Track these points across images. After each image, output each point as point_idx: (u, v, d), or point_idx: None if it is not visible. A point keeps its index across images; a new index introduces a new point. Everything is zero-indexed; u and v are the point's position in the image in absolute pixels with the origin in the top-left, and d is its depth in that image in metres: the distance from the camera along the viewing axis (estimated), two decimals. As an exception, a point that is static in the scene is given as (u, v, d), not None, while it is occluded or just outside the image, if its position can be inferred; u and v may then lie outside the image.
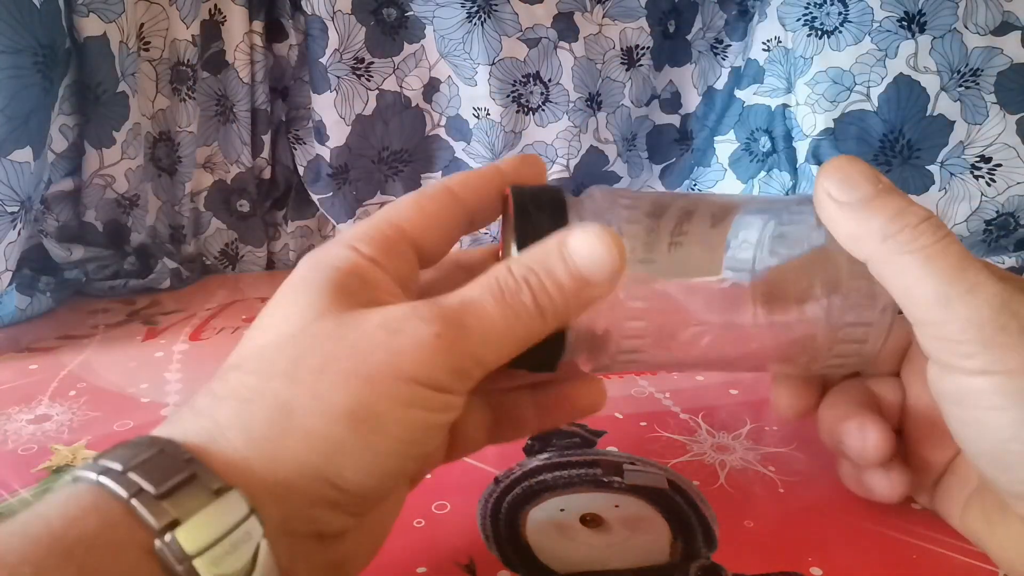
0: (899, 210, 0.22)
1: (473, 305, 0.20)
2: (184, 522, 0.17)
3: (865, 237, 0.23)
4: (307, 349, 0.20)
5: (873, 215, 0.23)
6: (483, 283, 0.21)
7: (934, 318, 0.22)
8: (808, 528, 0.28)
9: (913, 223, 0.22)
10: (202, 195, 0.67)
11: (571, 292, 0.21)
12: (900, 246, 0.22)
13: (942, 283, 0.22)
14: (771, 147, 0.65)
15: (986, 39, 0.57)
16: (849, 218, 0.23)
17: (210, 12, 0.61)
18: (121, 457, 0.18)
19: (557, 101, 0.66)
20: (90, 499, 0.17)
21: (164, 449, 0.18)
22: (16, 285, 0.52)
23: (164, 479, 0.17)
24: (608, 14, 0.66)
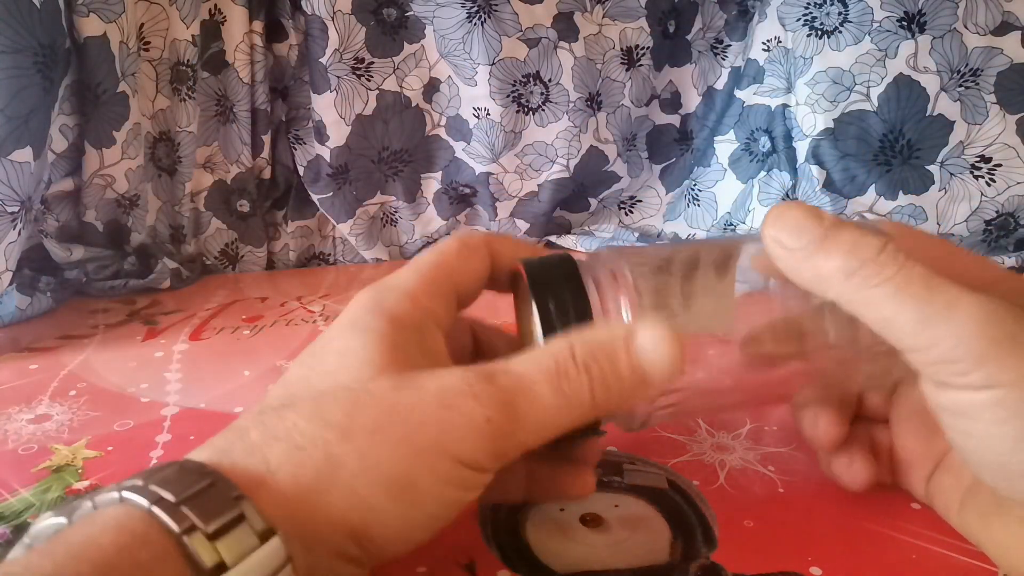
0: (853, 244, 0.22)
1: (528, 387, 0.21)
2: (232, 567, 0.17)
3: (828, 278, 0.22)
4: (363, 407, 0.20)
5: (829, 255, 0.22)
6: (542, 362, 0.21)
7: (920, 343, 0.22)
8: (808, 528, 0.28)
9: (872, 255, 0.22)
10: (202, 195, 0.67)
11: (628, 388, 0.21)
12: (865, 281, 0.22)
13: (918, 307, 0.21)
14: (771, 147, 0.65)
15: (986, 39, 0.57)
16: (806, 263, 0.23)
17: (210, 12, 0.61)
18: (173, 485, 0.18)
19: (557, 101, 0.66)
20: (142, 527, 0.17)
21: (215, 483, 0.18)
22: (16, 285, 0.52)
23: (214, 515, 0.17)
24: (608, 14, 0.66)
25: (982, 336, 0.21)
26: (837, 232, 0.23)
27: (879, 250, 0.22)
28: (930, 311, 0.21)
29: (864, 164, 0.60)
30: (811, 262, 0.23)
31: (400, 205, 0.71)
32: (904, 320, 0.22)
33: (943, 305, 0.21)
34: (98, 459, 0.35)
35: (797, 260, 0.23)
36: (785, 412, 0.38)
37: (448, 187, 0.70)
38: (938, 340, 0.21)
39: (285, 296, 0.60)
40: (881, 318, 0.22)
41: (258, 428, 0.20)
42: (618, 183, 0.72)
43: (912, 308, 0.21)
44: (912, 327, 0.21)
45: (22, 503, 0.31)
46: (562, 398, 0.21)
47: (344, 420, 0.20)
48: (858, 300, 0.22)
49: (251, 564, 0.17)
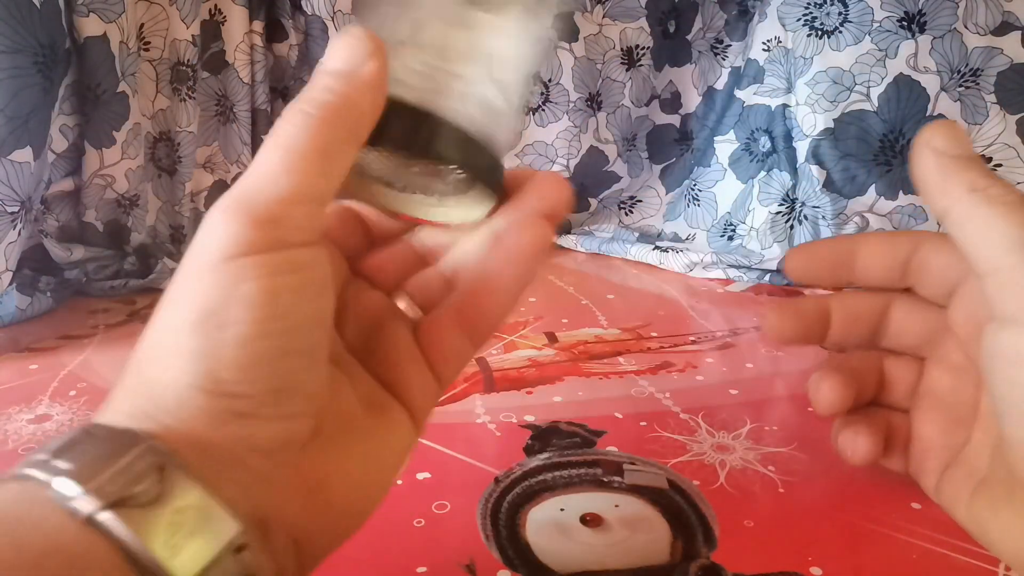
0: (988, 172, 0.24)
1: (254, 167, 0.19)
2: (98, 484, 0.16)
3: (954, 186, 0.24)
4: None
5: (967, 169, 0.24)
6: (265, 144, 0.20)
7: (1006, 263, 0.22)
8: (808, 528, 0.28)
9: (1002, 183, 0.23)
10: (202, 195, 0.67)
11: (336, 87, 0.20)
12: (987, 197, 0.23)
13: (1016, 233, 0.22)
14: (771, 147, 0.65)
15: (986, 39, 0.57)
16: (944, 168, 0.24)
17: (210, 12, 0.61)
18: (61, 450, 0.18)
19: (557, 101, 0.66)
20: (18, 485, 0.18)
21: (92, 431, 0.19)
22: (16, 285, 0.52)
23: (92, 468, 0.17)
24: (608, 14, 0.66)
25: None
26: (981, 161, 0.24)
27: (1008, 184, 0.24)
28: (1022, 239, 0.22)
29: (864, 164, 0.60)
30: (948, 168, 0.24)
31: (400, 205, 0.71)
32: (999, 237, 0.23)
33: None
34: (98, 459, 0.34)
35: (939, 162, 0.24)
36: (785, 412, 0.38)
37: (448, 187, 0.70)
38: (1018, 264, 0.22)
39: (285, 296, 0.60)
40: (980, 232, 0.23)
41: None
42: (618, 183, 0.72)
43: (1008, 231, 0.22)
44: (1005, 246, 0.22)
45: None
46: (287, 139, 0.19)
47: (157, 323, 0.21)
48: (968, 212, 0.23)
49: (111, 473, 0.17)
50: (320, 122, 0.20)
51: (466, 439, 0.35)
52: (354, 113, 0.20)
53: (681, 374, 0.43)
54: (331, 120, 0.20)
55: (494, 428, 0.36)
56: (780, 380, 0.42)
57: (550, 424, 0.36)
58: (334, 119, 0.20)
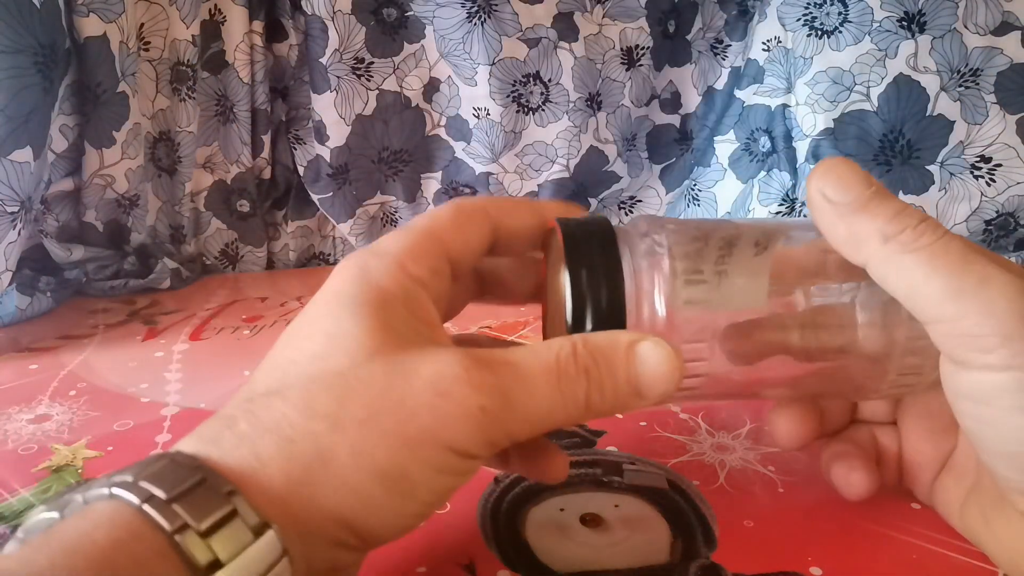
0: (897, 211, 0.22)
1: (525, 378, 0.20)
2: (226, 564, 0.17)
3: (864, 239, 0.22)
4: (353, 395, 0.20)
5: (872, 217, 0.22)
6: (542, 356, 0.21)
7: (947, 314, 0.21)
8: (808, 528, 0.28)
9: (913, 224, 0.22)
10: (202, 195, 0.67)
11: (622, 398, 0.21)
12: (902, 246, 0.22)
13: (951, 277, 0.21)
14: (771, 147, 0.65)
15: (986, 39, 0.57)
16: (847, 220, 0.23)
17: (210, 12, 0.61)
18: (163, 482, 0.18)
19: (557, 101, 0.66)
20: (136, 523, 0.17)
21: (206, 478, 0.18)
22: (16, 285, 0.52)
23: (207, 512, 0.17)
24: (608, 14, 0.66)
25: (1012, 313, 0.20)
26: (882, 197, 0.23)
27: (920, 220, 0.22)
28: (962, 283, 0.21)
29: (864, 164, 0.60)
30: (851, 219, 0.23)
31: (400, 205, 0.71)
32: (932, 288, 0.21)
33: (976, 279, 0.21)
34: (98, 459, 0.35)
35: (838, 215, 0.23)
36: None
37: (448, 187, 0.70)
38: (966, 313, 0.21)
39: (285, 296, 0.60)
40: (910, 285, 0.22)
41: (247, 418, 0.20)
42: (618, 183, 0.72)
43: (944, 277, 0.21)
44: (941, 296, 0.21)
45: (22, 503, 0.31)
46: (558, 396, 0.21)
47: (335, 409, 0.19)
48: (890, 264, 0.22)
49: (246, 560, 0.17)
50: None
51: (466, 439, 0.35)
52: None
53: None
54: None
55: (494, 428, 0.36)
56: (780, 380, 0.42)
57: (550, 424, 0.36)
58: None
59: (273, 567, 0.18)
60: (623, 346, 0.21)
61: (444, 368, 0.20)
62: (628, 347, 0.21)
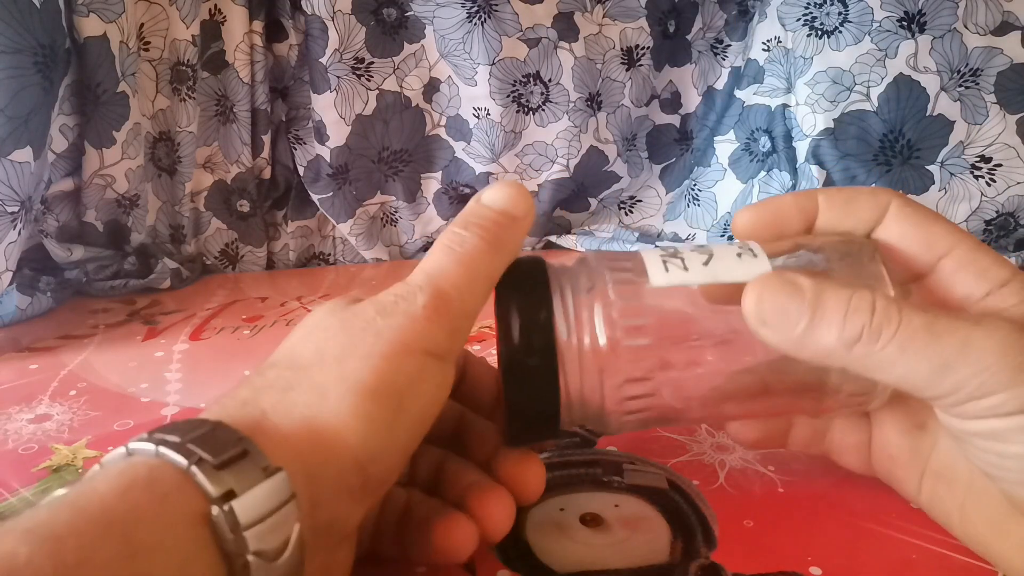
0: (844, 312, 0.22)
1: (437, 270, 0.23)
2: (240, 495, 0.18)
3: (831, 352, 0.22)
4: (324, 341, 0.22)
5: (827, 331, 0.22)
6: (435, 251, 0.24)
7: (943, 391, 0.22)
8: (808, 528, 0.28)
9: (866, 318, 0.22)
10: (202, 195, 0.67)
11: (501, 222, 0.25)
12: (869, 348, 0.22)
13: (931, 358, 0.21)
14: (771, 147, 0.65)
15: (986, 39, 0.57)
16: (805, 345, 0.22)
17: (210, 12, 0.61)
18: (177, 431, 0.19)
19: (557, 101, 0.66)
20: (144, 472, 0.18)
21: (216, 428, 0.19)
22: (16, 285, 0.52)
23: (221, 451, 0.18)
24: (608, 14, 0.66)
25: (1004, 367, 0.21)
26: (823, 303, 0.22)
27: (871, 310, 0.22)
28: (944, 358, 0.21)
29: (864, 164, 0.60)
30: (810, 342, 0.22)
31: (400, 205, 0.71)
32: (921, 375, 0.21)
33: (956, 348, 0.21)
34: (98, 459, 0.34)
35: (795, 345, 0.23)
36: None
37: (448, 187, 0.70)
38: (961, 384, 0.21)
39: (285, 296, 0.60)
40: (897, 377, 0.22)
41: (246, 387, 0.22)
42: (618, 183, 0.72)
43: (925, 361, 0.21)
44: (930, 379, 0.21)
45: (22, 503, 0.31)
46: (464, 256, 0.24)
47: (314, 358, 0.22)
48: (869, 365, 0.22)
49: (259, 493, 0.18)
50: (490, 248, 0.24)
51: (466, 439, 0.35)
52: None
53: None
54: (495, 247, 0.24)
55: (494, 428, 0.36)
56: (780, 380, 0.42)
57: (550, 424, 0.36)
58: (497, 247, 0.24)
59: (283, 506, 0.18)
60: (472, 202, 0.26)
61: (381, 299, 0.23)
62: (476, 199, 0.26)
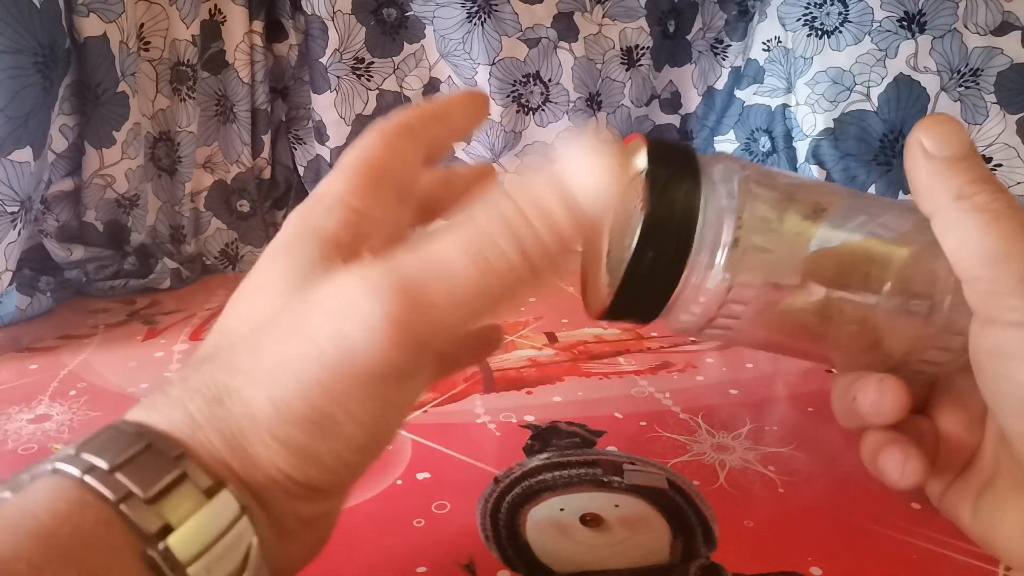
0: (980, 177, 0.24)
1: (438, 265, 0.17)
2: (177, 528, 0.16)
3: (940, 192, 0.24)
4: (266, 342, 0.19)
5: (957, 174, 0.24)
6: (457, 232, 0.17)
7: (987, 274, 0.23)
8: (808, 528, 0.28)
9: (990, 190, 0.23)
10: (202, 195, 0.67)
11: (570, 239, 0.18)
12: (972, 206, 0.23)
13: (1002, 242, 0.22)
14: (771, 147, 0.65)
15: (986, 39, 0.57)
16: (932, 171, 0.24)
17: (210, 12, 0.61)
18: (106, 451, 0.17)
19: (557, 101, 0.66)
20: (78, 494, 0.16)
21: (152, 444, 0.17)
22: (16, 285, 0.52)
23: (154, 480, 0.17)
24: (608, 14, 0.66)
25: None
26: (973, 161, 0.24)
27: (998, 189, 0.23)
28: (1009, 249, 0.22)
29: (864, 164, 0.60)
30: (937, 171, 0.24)
31: (400, 205, 0.71)
32: (982, 247, 0.23)
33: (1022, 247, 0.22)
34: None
35: (928, 165, 0.24)
36: (785, 412, 0.38)
37: (448, 187, 0.70)
38: (1003, 275, 0.22)
39: (285, 296, 0.60)
40: (963, 240, 0.23)
41: (179, 384, 0.19)
42: (618, 183, 0.72)
43: (995, 241, 0.22)
44: (984, 257, 0.23)
45: None
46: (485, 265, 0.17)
47: (251, 362, 0.18)
48: (953, 219, 0.23)
49: (199, 522, 0.16)
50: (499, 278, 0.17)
51: (466, 439, 0.35)
52: None
53: (681, 374, 0.43)
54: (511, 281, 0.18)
55: (494, 428, 0.36)
56: (780, 380, 0.42)
57: (550, 424, 0.36)
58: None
59: (232, 527, 0.17)
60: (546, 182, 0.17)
61: (344, 281, 0.18)
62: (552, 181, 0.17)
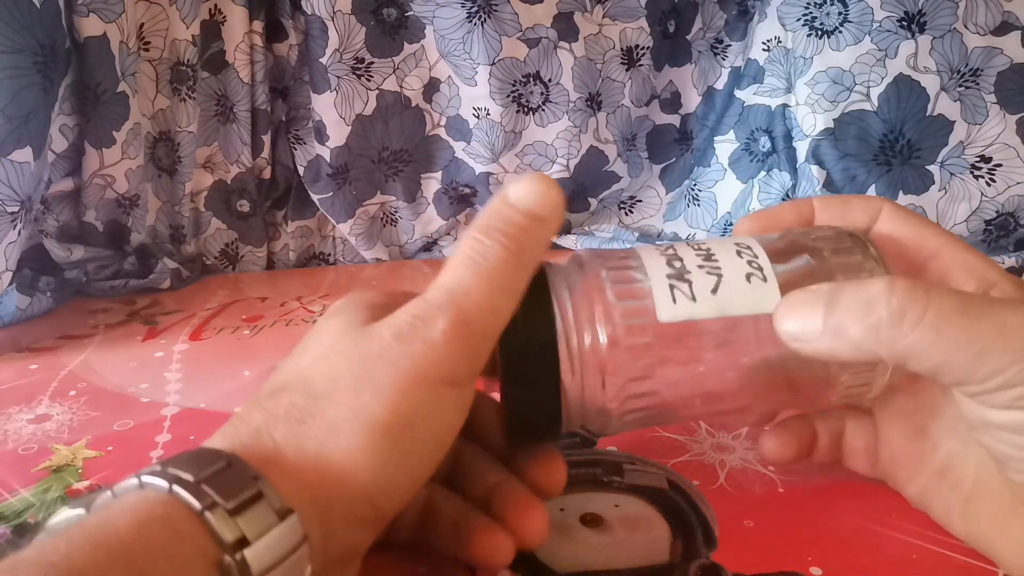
0: (858, 304, 0.22)
1: (458, 287, 0.22)
2: (253, 542, 0.17)
3: (861, 343, 0.22)
4: (339, 368, 0.21)
5: (848, 327, 0.22)
6: (456, 263, 0.23)
7: (979, 377, 0.21)
8: (808, 528, 0.28)
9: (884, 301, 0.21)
10: (202, 195, 0.67)
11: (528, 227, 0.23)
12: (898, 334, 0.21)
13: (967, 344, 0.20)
14: (771, 147, 0.65)
15: (986, 39, 0.57)
16: (838, 346, 0.22)
17: (210, 12, 0.61)
18: (190, 467, 0.18)
19: (557, 101, 0.66)
20: (160, 509, 0.17)
21: (232, 463, 0.19)
22: (16, 285, 0.52)
23: (234, 494, 0.18)
24: (608, 14, 0.66)
25: None
26: (835, 300, 0.22)
27: (888, 292, 0.21)
28: (981, 343, 0.20)
29: (864, 164, 0.60)
30: (841, 342, 0.22)
31: (400, 205, 0.71)
32: (958, 362, 0.21)
33: (994, 333, 0.20)
34: (98, 459, 0.35)
35: (829, 348, 0.22)
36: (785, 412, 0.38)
37: (448, 187, 0.70)
38: (999, 369, 0.20)
39: (285, 296, 0.60)
40: (935, 363, 0.21)
41: (259, 412, 0.21)
42: (618, 183, 0.72)
43: (962, 346, 0.20)
44: (968, 366, 0.21)
45: (22, 503, 0.31)
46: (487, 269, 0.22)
47: (329, 387, 0.21)
48: (904, 355, 0.21)
49: (271, 540, 0.18)
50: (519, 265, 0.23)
51: (466, 439, 0.35)
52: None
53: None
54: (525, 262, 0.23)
55: (494, 428, 0.36)
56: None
57: (550, 424, 0.36)
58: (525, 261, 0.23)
59: (295, 551, 0.18)
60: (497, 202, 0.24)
61: (398, 320, 0.22)
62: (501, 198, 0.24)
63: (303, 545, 0.18)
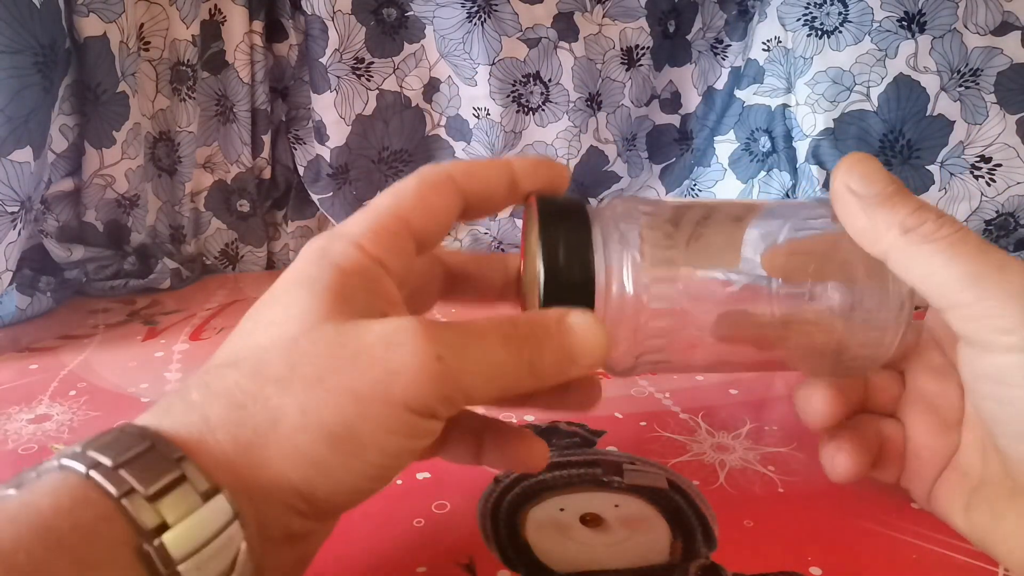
0: (918, 206, 0.23)
1: (479, 333, 0.21)
2: (173, 527, 0.17)
3: (884, 230, 0.24)
4: (304, 356, 0.20)
5: (894, 209, 0.24)
6: (495, 320, 0.21)
7: (966, 299, 0.22)
8: (808, 528, 0.28)
9: (932, 217, 0.23)
10: (202, 195, 0.67)
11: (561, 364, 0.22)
12: (922, 237, 0.23)
13: (970, 264, 0.22)
14: (771, 147, 0.65)
15: (986, 39, 0.57)
16: (869, 212, 0.24)
17: (210, 12, 0.61)
18: (110, 450, 0.18)
19: (557, 101, 0.66)
20: (81, 491, 0.17)
21: (155, 445, 0.18)
22: (16, 285, 0.52)
23: (154, 478, 0.17)
24: (608, 14, 0.66)
25: None
26: (904, 193, 0.24)
27: (939, 215, 0.23)
28: (980, 268, 0.22)
29: (864, 164, 0.60)
30: (873, 211, 0.24)
31: (400, 205, 0.71)
32: (951, 274, 0.22)
33: (994, 265, 0.22)
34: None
35: (861, 207, 0.24)
36: (785, 412, 0.38)
37: (448, 187, 0.70)
38: (986, 296, 0.22)
39: (285, 296, 0.60)
40: (929, 273, 0.23)
41: (199, 388, 0.20)
42: (618, 183, 0.72)
43: (963, 264, 0.22)
44: (960, 282, 0.22)
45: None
46: (512, 354, 0.21)
47: (285, 373, 0.19)
48: (910, 254, 0.23)
49: (195, 523, 0.17)
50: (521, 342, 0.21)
51: (466, 439, 0.35)
52: None
53: (681, 374, 0.43)
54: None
55: (494, 428, 0.36)
56: (780, 380, 0.42)
57: (550, 424, 0.36)
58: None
59: (224, 530, 0.18)
60: (553, 318, 0.22)
61: (398, 324, 0.20)
62: (559, 319, 0.22)
63: (232, 524, 0.18)
